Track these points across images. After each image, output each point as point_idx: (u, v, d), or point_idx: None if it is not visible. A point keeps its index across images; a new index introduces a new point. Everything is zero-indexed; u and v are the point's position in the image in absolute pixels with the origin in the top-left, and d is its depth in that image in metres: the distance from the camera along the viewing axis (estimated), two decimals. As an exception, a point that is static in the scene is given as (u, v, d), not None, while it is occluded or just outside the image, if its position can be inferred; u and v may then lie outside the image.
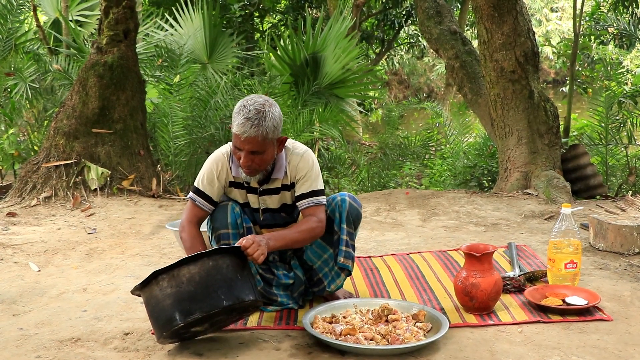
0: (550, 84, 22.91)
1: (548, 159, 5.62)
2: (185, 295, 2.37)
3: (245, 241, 2.53)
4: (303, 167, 2.82)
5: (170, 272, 2.40)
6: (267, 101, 2.68)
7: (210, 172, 2.79)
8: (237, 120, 2.61)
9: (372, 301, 2.88)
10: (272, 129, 2.64)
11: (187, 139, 6.31)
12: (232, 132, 2.64)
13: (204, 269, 2.41)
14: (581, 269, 3.25)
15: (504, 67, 5.60)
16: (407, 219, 4.72)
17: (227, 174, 2.81)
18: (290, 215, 2.92)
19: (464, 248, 2.94)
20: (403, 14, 13.51)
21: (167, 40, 7.48)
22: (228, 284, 2.42)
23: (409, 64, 20.42)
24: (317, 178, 2.85)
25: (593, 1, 11.82)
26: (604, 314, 2.82)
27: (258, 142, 2.62)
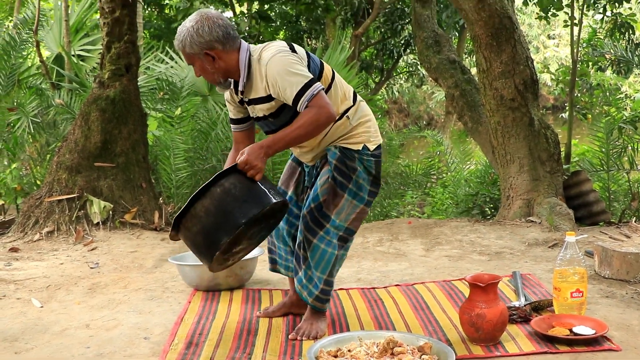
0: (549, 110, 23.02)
1: (550, 186, 5.62)
2: (211, 227, 2.62)
3: (239, 163, 2.68)
4: (272, 78, 2.76)
5: (189, 213, 2.64)
6: (198, 16, 2.83)
7: (227, 101, 3.08)
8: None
9: (377, 334, 2.86)
10: (189, 43, 2.79)
11: (189, 171, 6.33)
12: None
13: (215, 197, 2.62)
14: (587, 298, 3.22)
15: (503, 95, 5.63)
16: (410, 248, 4.70)
17: (230, 95, 3.04)
18: (278, 118, 2.90)
19: (468, 278, 2.92)
20: (402, 44, 13.63)
21: (168, 73, 7.54)
22: (240, 202, 2.63)
23: (409, 92, 20.55)
24: (294, 77, 2.72)
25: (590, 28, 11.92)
26: (612, 344, 2.80)
27: (184, 55, 2.86)
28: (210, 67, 2.84)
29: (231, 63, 2.85)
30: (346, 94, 2.98)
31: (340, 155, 2.95)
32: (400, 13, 12.90)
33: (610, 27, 10.74)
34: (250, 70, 2.85)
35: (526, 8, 15.03)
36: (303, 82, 2.71)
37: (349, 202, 2.97)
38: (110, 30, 5.46)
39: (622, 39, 10.86)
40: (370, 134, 3.00)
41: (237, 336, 3.08)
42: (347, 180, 2.95)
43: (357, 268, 4.19)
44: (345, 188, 2.95)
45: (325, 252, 2.95)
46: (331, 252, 2.96)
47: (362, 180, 2.98)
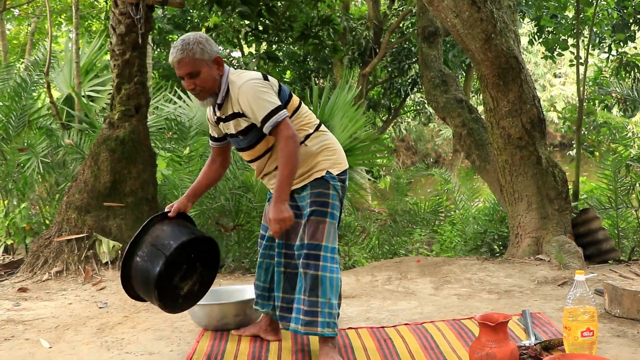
0: (557, 148, 23.06)
1: (559, 224, 5.61)
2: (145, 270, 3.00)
3: (274, 234, 3.03)
4: (243, 102, 3.03)
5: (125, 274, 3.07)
6: (195, 33, 3.08)
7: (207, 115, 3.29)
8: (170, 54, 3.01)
9: None
10: (200, 50, 2.99)
11: (197, 210, 6.34)
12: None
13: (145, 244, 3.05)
14: (598, 337, 3.20)
15: (510, 134, 5.66)
16: (419, 287, 4.68)
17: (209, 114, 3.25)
18: (246, 136, 3.15)
19: (478, 317, 2.91)
20: (409, 82, 13.76)
21: (176, 112, 7.61)
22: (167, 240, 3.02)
23: (416, 130, 20.66)
24: (262, 103, 3.00)
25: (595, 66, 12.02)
26: (624, 384, 2.77)
27: (188, 63, 2.98)
28: (216, 75, 3.07)
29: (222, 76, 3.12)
30: (308, 123, 3.22)
31: (312, 191, 3.16)
32: (407, 52, 13.05)
33: (615, 66, 10.84)
34: (228, 89, 3.10)
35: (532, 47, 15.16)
36: (271, 108, 3.00)
37: (332, 225, 3.17)
38: (120, 72, 5.54)
39: (627, 78, 10.95)
40: (333, 160, 3.21)
41: (246, 376, 3.06)
42: (326, 206, 3.15)
43: (366, 307, 4.17)
44: (326, 214, 3.16)
45: (332, 279, 3.13)
46: (337, 277, 3.16)
47: (337, 201, 3.20)
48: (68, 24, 13.20)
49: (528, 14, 10.27)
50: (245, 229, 6.38)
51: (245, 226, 6.39)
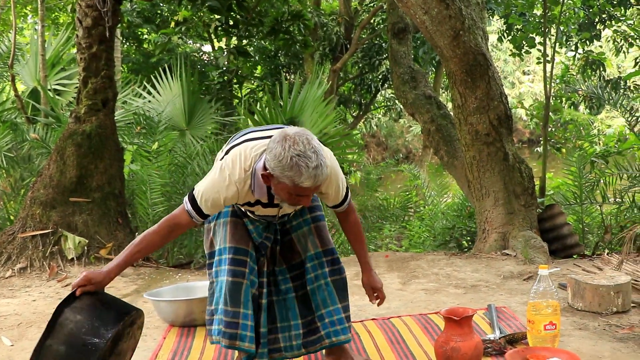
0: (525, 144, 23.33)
1: (525, 220, 5.68)
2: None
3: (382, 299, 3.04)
4: (329, 187, 2.73)
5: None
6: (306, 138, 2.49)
7: (216, 199, 2.61)
8: (303, 173, 2.42)
9: None
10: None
11: (166, 206, 6.29)
12: (288, 182, 2.46)
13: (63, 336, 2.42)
14: (560, 330, 3.25)
15: (478, 130, 5.71)
16: (387, 282, 4.70)
17: (245, 198, 2.66)
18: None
19: (443, 312, 2.94)
20: (379, 78, 13.79)
21: (145, 107, 7.55)
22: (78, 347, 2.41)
23: (387, 126, 20.74)
24: (342, 185, 2.80)
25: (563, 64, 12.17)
26: (585, 376, 2.82)
27: (320, 185, 2.55)
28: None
29: None
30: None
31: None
32: (377, 48, 13.08)
33: (582, 64, 10.99)
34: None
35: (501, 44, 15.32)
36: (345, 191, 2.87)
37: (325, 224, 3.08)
38: (87, 66, 5.47)
39: (593, 76, 11.11)
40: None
41: (212, 372, 3.05)
42: (320, 209, 3.05)
43: (333, 302, 4.18)
44: (323, 217, 3.05)
45: (345, 279, 3.04)
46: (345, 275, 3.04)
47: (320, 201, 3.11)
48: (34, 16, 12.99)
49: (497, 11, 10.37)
50: (214, 224, 6.33)
51: (214, 221, 6.34)
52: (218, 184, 2.60)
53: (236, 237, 2.83)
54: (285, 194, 2.54)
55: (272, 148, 2.46)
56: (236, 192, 2.60)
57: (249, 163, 2.60)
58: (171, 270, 5.34)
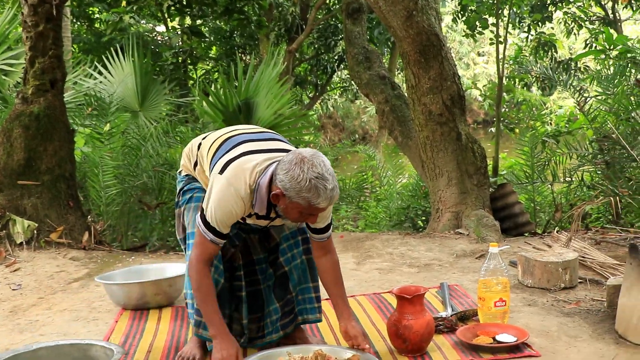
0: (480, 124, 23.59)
1: (478, 199, 5.76)
2: None
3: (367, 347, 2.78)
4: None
5: None
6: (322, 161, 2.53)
7: (230, 215, 2.62)
8: (321, 195, 2.48)
9: (305, 347, 2.86)
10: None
11: (119, 188, 6.21)
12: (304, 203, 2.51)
13: None
14: (510, 306, 3.31)
15: (431, 111, 5.75)
16: (341, 262, 4.65)
17: (246, 211, 2.67)
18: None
19: (395, 291, 2.97)
20: (335, 59, 13.77)
21: (96, 88, 7.39)
22: None
23: (343, 107, 20.76)
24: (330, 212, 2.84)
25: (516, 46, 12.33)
26: (532, 350, 2.89)
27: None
28: None
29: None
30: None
31: None
32: (333, 29, 13.04)
33: (534, 46, 11.15)
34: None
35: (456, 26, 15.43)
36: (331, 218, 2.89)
37: None
38: (33, 45, 5.32)
39: (545, 57, 11.29)
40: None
41: (165, 355, 3.04)
42: None
43: (288, 283, 4.18)
44: None
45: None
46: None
47: None
48: (-21, -6, 12.58)
49: (451, -8, 10.43)
50: (169, 206, 6.28)
51: (169, 204, 6.29)
52: (228, 201, 2.60)
53: None
54: (296, 213, 2.58)
55: (288, 169, 2.50)
56: (243, 206, 2.62)
57: (253, 179, 2.61)
58: (125, 254, 5.28)
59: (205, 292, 2.66)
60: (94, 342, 2.80)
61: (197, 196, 2.90)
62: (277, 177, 2.53)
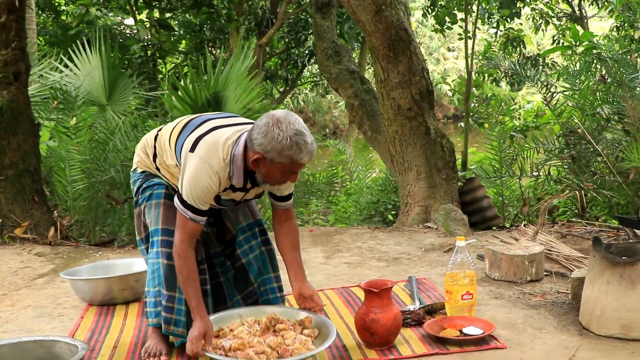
0: (450, 119, 23.75)
1: (446, 193, 5.80)
2: None
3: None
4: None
5: None
6: (296, 119, 2.60)
7: (206, 191, 2.64)
8: (303, 150, 2.55)
9: (258, 309, 2.89)
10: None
11: (86, 183, 6.12)
12: (286, 161, 2.56)
13: None
14: (477, 299, 3.34)
15: (400, 105, 5.77)
16: (310, 256, 4.73)
17: (221, 186, 2.69)
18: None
19: (363, 284, 2.98)
20: (306, 54, 13.73)
21: (62, 82, 7.27)
22: None
23: (314, 101, 20.74)
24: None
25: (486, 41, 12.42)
26: (498, 342, 2.92)
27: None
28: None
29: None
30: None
31: None
32: (304, 23, 13.00)
33: (503, 41, 11.24)
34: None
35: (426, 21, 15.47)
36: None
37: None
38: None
39: (514, 53, 11.39)
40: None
41: (132, 350, 3.01)
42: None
43: (257, 277, 4.17)
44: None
45: (274, 250, 3.12)
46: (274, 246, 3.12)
47: None
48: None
49: (421, -13, 10.45)
50: (137, 201, 6.21)
51: (138, 199, 6.22)
52: (203, 178, 2.62)
53: (170, 219, 2.82)
54: (278, 174, 2.63)
55: (266, 132, 2.53)
56: (218, 180, 2.64)
57: (226, 152, 2.64)
58: (92, 249, 5.22)
59: (187, 275, 2.67)
60: (58, 339, 2.77)
61: (158, 192, 2.88)
62: (254, 142, 2.56)
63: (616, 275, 2.96)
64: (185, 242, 2.68)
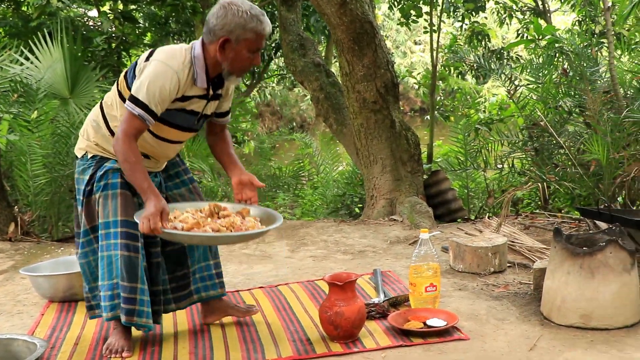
0: (417, 112, 23.87)
1: (411, 186, 5.82)
2: None
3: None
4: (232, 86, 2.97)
5: None
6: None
7: (163, 91, 2.66)
8: (262, 20, 2.68)
9: (199, 204, 2.89)
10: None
11: (48, 178, 6.01)
12: (251, 35, 2.67)
13: None
14: (441, 291, 3.37)
15: (366, 98, 5.77)
16: (275, 250, 4.72)
17: (184, 89, 2.73)
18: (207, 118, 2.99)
19: (327, 278, 2.98)
20: (272, 47, 13.66)
21: (23, 74, 7.13)
22: None
23: (281, 95, 20.66)
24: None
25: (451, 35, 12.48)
26: (461, 334, 2.94)
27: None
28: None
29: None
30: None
31: (185, 167, 3.16)
32: (269, 16, 12.89)
33: (468, 35, 11.31)
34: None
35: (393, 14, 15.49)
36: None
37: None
38: (-47, 28, 5.09)
39: (480, 46, 11.46)
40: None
41: (93, 347, 2.97)
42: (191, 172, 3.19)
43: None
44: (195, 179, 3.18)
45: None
46: None
47: None
48: None
49: (387, -20, 10.45)
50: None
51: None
52: (162, 77, 2.65)
53: (128, 210, 2.78)
54: (245, 53, 2.70)
55: (224, 15, 2.65)
56: (177, 81, 2.68)
57: (184, 55, 2.71)
58: (54, 245, 5.14)
59: (133, 162, 2.65)
60: (16, 337, 2.72)
61: (114, 182, 2.80)
62: (215, 30, 2.67)
63: (576, 265, 3.00)
64: (129, 135, 2.65)
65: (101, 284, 2.81)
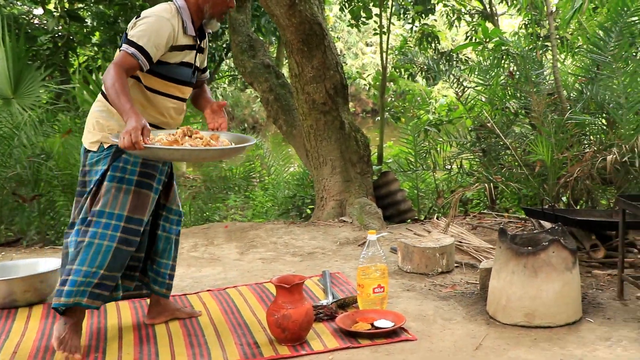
0: (369, 114, 24.01)
1: (361, 187, 5.84)
2: None
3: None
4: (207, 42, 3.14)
5: None
6: None
7: (158, 34, 2.81)
8: None
9: (171, 131, 2.87)
10: None
11: (-9, 179, 5.85)
12: None
13: None
14: (390, 292, 3.38)
15: (315, 100, 5.77)
16: (224, 253, 4.67)
17: (177, 37, 2.89)
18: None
19: (274, 280, 2.96)
20: (223, 47, 13.56)
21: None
22: None
23: (233, 96, 20.54)
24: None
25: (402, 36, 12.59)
26: (409, 334, 2.96)
27: None
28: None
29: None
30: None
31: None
32: (220, 17, 12.82)
33: (418, 37, 11.42)
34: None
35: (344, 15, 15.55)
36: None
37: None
38: None
39: (429, 48, 11.59)
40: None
41: (33, 355, 2.89)
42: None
43: (169, 275, 4.08)
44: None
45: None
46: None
47: None
48: None
49: (338, -18, 10.48)
50: (46, 198, 6.00)
51: (47, 196, 6.01)
52: (156, 24, 2.80)
53: (138, 208, 2.88)
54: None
55: None
56: (171, 27, 2.84)
57: (170, 7, 2.89)
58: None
59: (119, 88, 2.66)
60: (-49, 346, 2.61)
61: (129, 179, 2.88)
62: None
63: (520, 265, 3.05)
64: (119, 66, 2.72)
65: (76, 267, 2.78)
